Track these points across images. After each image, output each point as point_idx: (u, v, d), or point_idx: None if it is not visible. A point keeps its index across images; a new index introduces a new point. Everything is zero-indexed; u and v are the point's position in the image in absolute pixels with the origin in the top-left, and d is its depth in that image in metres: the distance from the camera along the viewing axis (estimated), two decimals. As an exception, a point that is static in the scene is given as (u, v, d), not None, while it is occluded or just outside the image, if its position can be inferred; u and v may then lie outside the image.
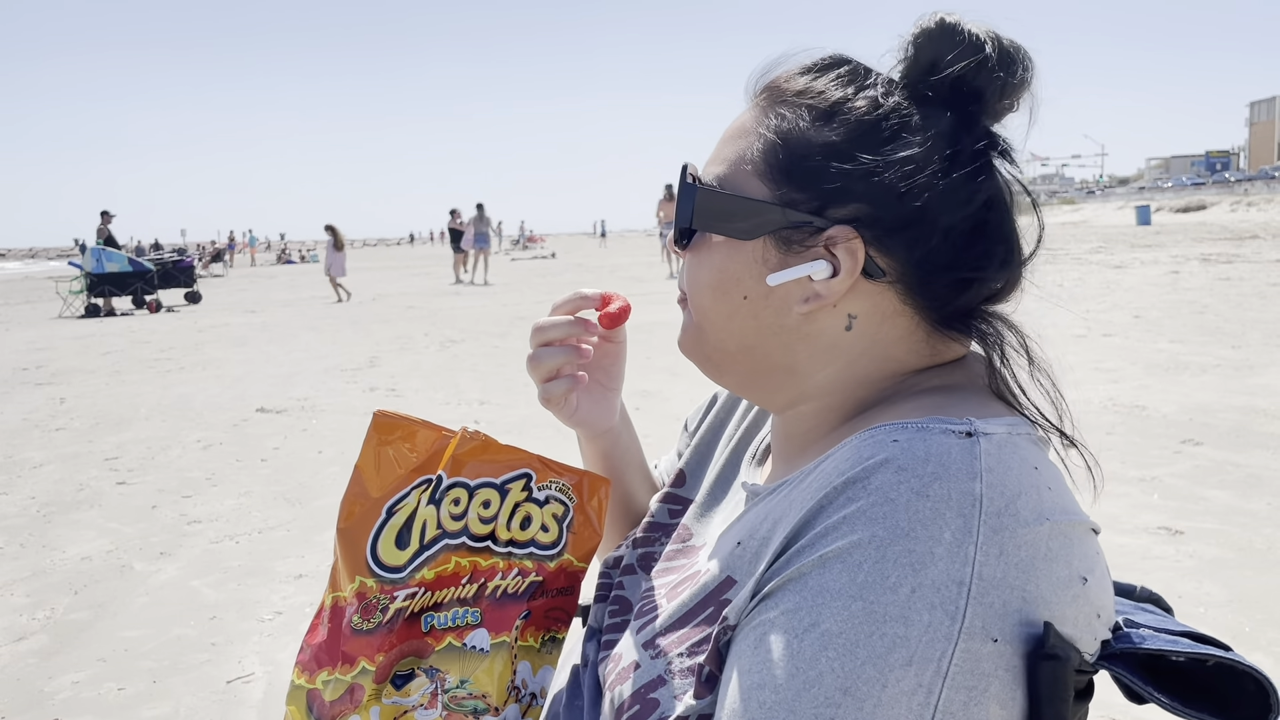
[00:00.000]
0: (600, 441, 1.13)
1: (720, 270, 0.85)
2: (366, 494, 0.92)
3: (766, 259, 0.82)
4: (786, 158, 0.81)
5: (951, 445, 0.70)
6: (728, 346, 0.87)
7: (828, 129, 0.81)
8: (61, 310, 17.95)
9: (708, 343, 0.88)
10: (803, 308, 0.81)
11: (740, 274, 0.83)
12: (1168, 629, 0.80)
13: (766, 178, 0.82)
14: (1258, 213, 38.23)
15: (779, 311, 0.83)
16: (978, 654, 0.65)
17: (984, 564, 0.65)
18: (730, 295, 0.84)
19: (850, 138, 0.80)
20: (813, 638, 0.66)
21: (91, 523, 4.80)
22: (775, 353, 0.85)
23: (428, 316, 14.37)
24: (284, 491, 5.19)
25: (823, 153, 0.80)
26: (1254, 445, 5.15)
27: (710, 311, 0.86)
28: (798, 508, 0.73)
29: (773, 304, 0.83)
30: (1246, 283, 13.12)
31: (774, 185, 0.82)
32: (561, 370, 1.03)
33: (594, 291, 1.04)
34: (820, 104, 0.82)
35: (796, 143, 0.81)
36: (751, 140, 0.84)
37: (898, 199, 0.78)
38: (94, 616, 3.67)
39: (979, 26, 0.80)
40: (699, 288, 0.87)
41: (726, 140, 0.87)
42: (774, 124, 0.83)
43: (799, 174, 0.80)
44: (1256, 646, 2.97)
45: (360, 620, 0.90)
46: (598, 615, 0.99)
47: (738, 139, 0.85)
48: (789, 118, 0.82)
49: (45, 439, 6.74)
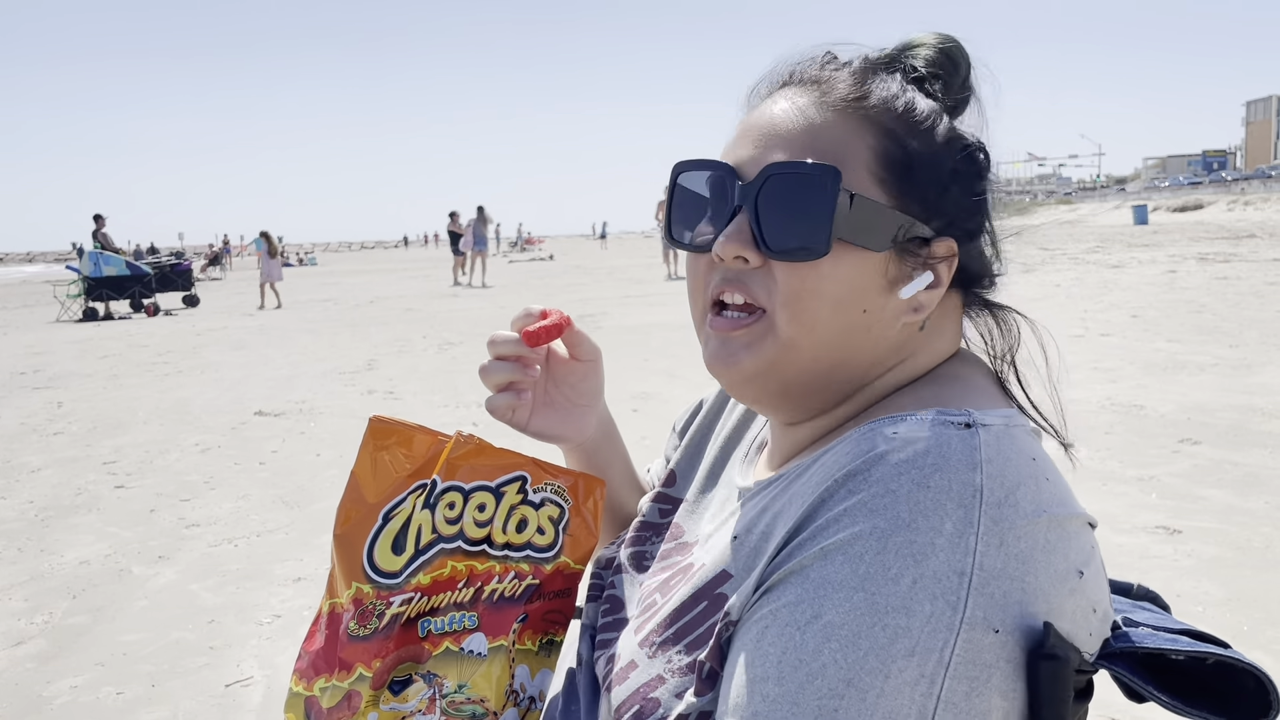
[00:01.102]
0: (575, 454, 1.13)
1: (848, 283, 0.79)
2: (363, 500, 0.92)
3: (887, 270, 0.80)
4: (906, 165, 0.80)
5: (951, 436, 0.70)
6: (819, 364, 0.81)
7: (932, 138, 0.82)
8: (59, 314, 17.92)
9: (797, 364, 0.81)
10: (911, 318, 0.82)
11: (866, 286, 0.79)
12: (1166, 627, 0.80)
13: (889, 187, 0.80)
14: (1255, 212, 38.27)
15: (888, 324, 0.81)
16: (979, 644, 0.66)
17: (985, 554, 0.66)
18: (851, 310, 0.79)
19: (947, 148, 0.82)
20: (815, 630, 0.66)
21: (90, 527, 4.79)
22: (864, 365, 0.83)
23: (426, 319, 14.36)
24: (282, 494, 5.18)
25: (934, 161, 0.81)
26: (1252, 444, 5.15)
27: (822, 327, 0.79)
28: (799, 502, 0.73)
29: (886, 317, 0.81)
30: (1244, 282, 13.13)
31: (896, 195, 0.80)
32: (513, 385, 1.02)
33: (539, 308, 1.02)
34: (916, 115, 0.82)
35: (916, 150, 0.80)
36: (858, 144, 0.80)
37: (977, 207, 0.83)
38: (92, 621, 3.67)
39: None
40: (814, 300, 0.79)
41: (814, 140, 0.80)
42: (888, 126, 0.80)
43: (914, 182, 0.80)
44: (1256, 645, 2.97)
45: (357, 627, 0.90)
46: (591, 614, 0.99)
47: (835, 144, 0.80)
48: (897, 123, 0.81)
49: (43, 443, 6.73)
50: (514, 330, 1.02)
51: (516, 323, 1.02)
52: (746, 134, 0.85)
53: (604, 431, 1.14)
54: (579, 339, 1.05)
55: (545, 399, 1.07)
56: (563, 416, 1.08)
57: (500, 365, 1.01)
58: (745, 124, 0.86)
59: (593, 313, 13.51)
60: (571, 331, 1.03)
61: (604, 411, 1.14)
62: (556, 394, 1.07)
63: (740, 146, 0.84)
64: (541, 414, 1.06)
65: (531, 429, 1.05)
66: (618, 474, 1.18)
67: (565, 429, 1.08)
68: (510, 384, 1.02)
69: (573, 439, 1.10)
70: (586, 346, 1.06)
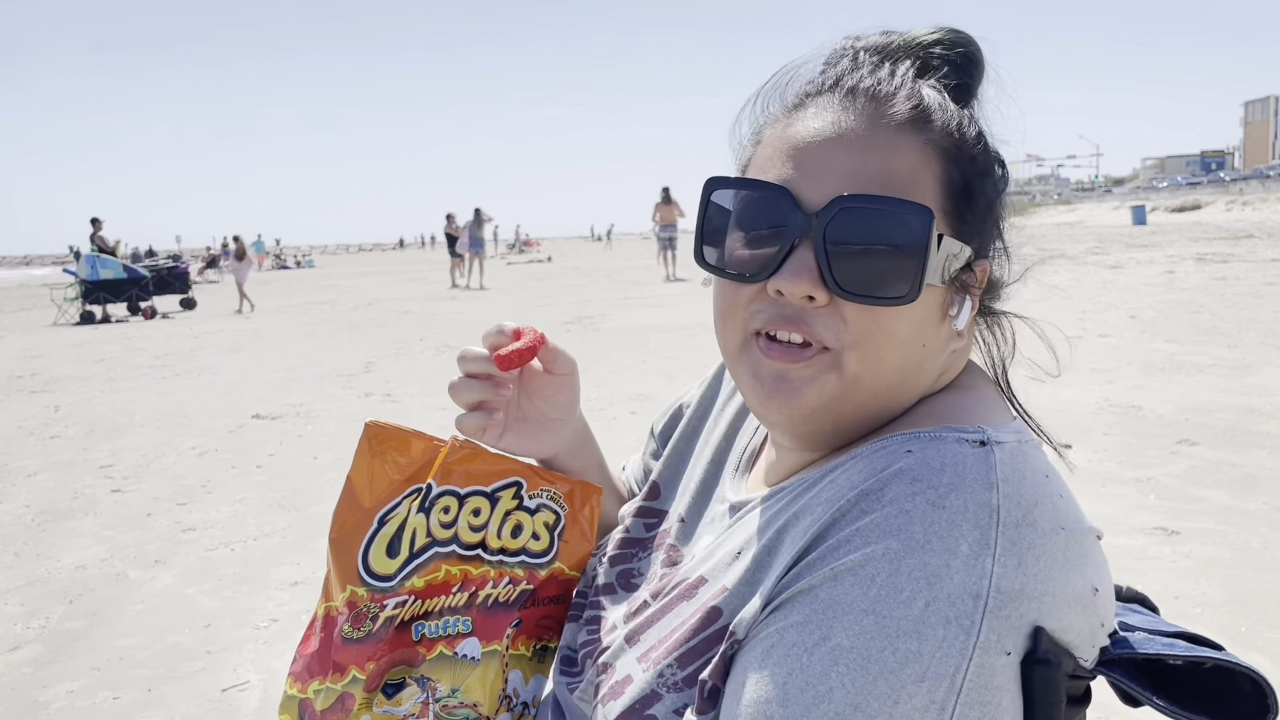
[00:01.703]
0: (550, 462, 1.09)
1: (918, 320, 0.75)
2: (358, 504, 0.92)
3: (944, 302, 0.78)
4: (966, 197, 0.78)
5: (966, 455, 0.69)
6: (877, 401, 0.78)
7: (978, 162, 0.80)
8: (56, 317, 17.89)
9: (857, 399, 0.77)
10: (957, 344, 0.81)
11: (928, 321, 0.77)
12: (1161, 631, 0.79)
13: (952, 218, 0.77)
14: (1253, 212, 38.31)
15: (940, 353, 0.80)
16: (991, 668, 0.64)
17: (1002, 576, 0.64)
18: (915, 346, 0.76)
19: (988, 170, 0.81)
20: (823, 652, 0.65)
21: (86, 531, 4.78)
22: (913, 395, 0.80)
23: (423, 321, 14.34)
24: (279, 498, 5.17)
25: (981, 188, 0.79)
26: (1250, 445, 5.15)
27: (889, 365, 0.76)
28: (809, 518, 0.72)
29: (939, 346, 0.79)
30: (1242, 282, 13.14)
31: (956, 225, 0.77)
32: (484, 404, 0.99)
33: (512, 326, 0.98)
34: (966, 135, 0.79)
35: (971, 179, 0.78)
36: (926, 175, 0.76)
37: (999, 225, 0.83)
38: (89, 625, 3.66)
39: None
40: (890, 342, 0.75)
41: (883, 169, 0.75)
42: (943, 156, 0.77)
43: (972, 210, 0.78)
44: (1254, 646, 2.97)
45: (351, 629, 0.90)
46: (569, 636, 0.96)
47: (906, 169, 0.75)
48: (953, 150, 0.78)
49: (40, 447, 6.72)
50: (485, 347, 0.98)
51: (488, 339, 0.98)
52: (794, 151, 0.77)
53: (579, 441, 1.10)
54: (554, 354, 1.01)
55: (518, 414, 1.03)
56: (536, 432, 1.03)
57: (470, 383, 0.98)
58: (787, 137, 0.79)
59: (591, 314, 13.50)
60: (547, 348, 0.99)
61: (579, 422, 1.09)
62: (530, 408, 1.03)
63: (786, 164, 0.77)
64: (514, 430, 1.02)
65: (504, 445, 1.01)
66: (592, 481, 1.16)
67: (538, 444, 1.04)
68: (481, 403, 0.99)
69: (545, 453, 1.06)
70: (562, 360, 1.02)
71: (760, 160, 0.80)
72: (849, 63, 0.81)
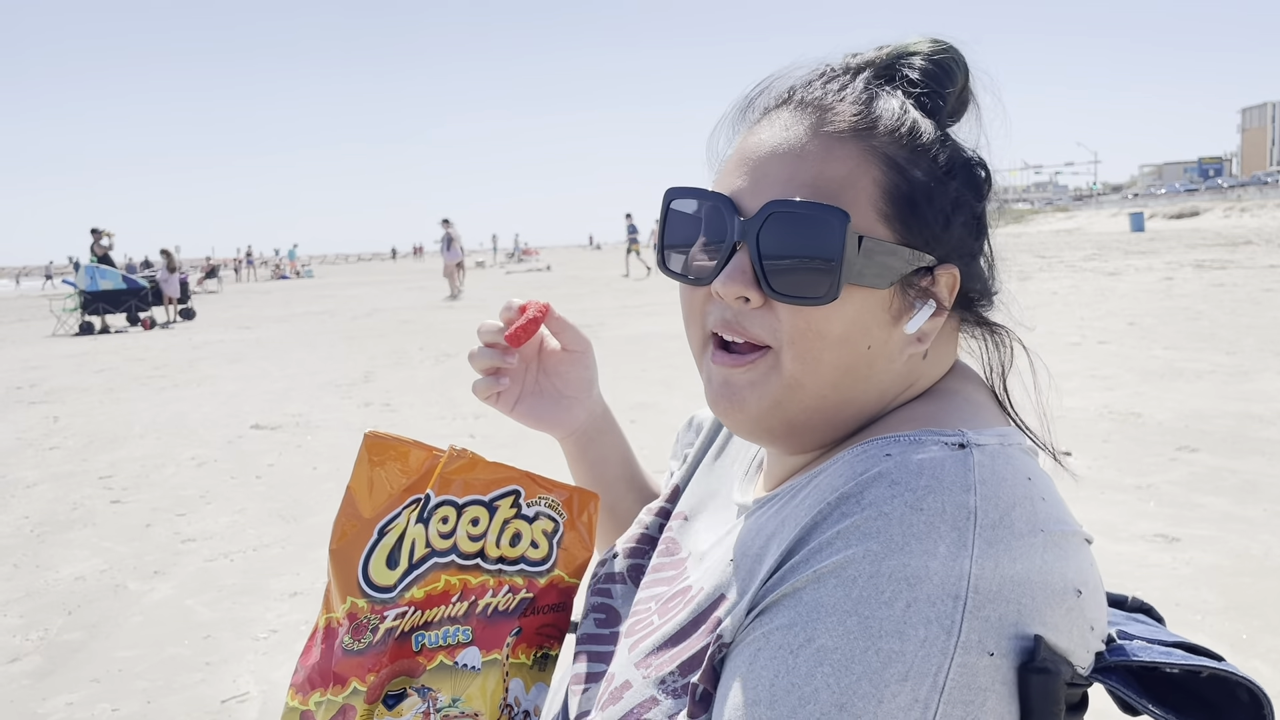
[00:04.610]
0: (568, 445, 1.17)
1: (853, 321, 0.77)
2: (358, 515, 0.92)
3: (890, 305, 0.78)
4: (909, 199, 0.78)
5: (945, 458, 0.70)
6: (826, 402, 0.80)
7: (930, 165, 0.79)
8: (55, 328, 17.91)
9: (801, 401, 0.79)
10: (915, 348, 0.81)
11: (870, 323, 0.78)
12: (1161, 640, 0.79)
13: (894, 222, 0.77)
14: (1251, 218, 38.39)
15: (893, 357, 0.80)
16: (974, 668, 0.65)
17: (979, 577, 0.65)
18: (856, 347, 0.78)
19: (947, 173, 0.80)
20: (808, 654, 0.66)
21: (85, 542, 4.77)
22: (868, 398, 0.81)
23: (422, 331, 14.36)
24: (279, 508, 5.17)
25: (932, 191, 0.79)
26: (1250, 451, 5.16)
27: (827, 365, 0.78)
28: (792, 524, 0.73)
29: (890, 350, 0.80)
30: (1240, 288, 13.16)
31: (899, 229, 0.78)
32: (497, 371, 1.07)
33: (519, 302, 1.07)
34: (919, 140, 0.79)
35: (919, 182, 0.78)
36: (864, 180, 0.77)
37: (972, 231, 0.82)
38: (88, 637, 3.65)
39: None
40: (818, 340, 0.77)
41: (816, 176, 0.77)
42: (895, 159, 0.78)
43: (918, 215, 0.78)
44: (1254, 654, 2.96)
45: (351, 641, 0.90)
46: (586, 625, 0.99)
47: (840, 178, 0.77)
48: (899, 156, 0.78)
49: (39, 458, 6.71)
50: (501, 319, 1.07)
51: (502, 314, 1.07)
52: (743, 161, 0.81)
53: (599, 426, 1.16)
54: (564, 327, 1.09)
55: (535, 388, 1.12)
56: (550, 405, 1.12)
57: (485, 351, 1.06)
58: (742, 149, 0.83)
59: (590, 323, 13.51)
60: (556, 320, 1.08)
61: (599, 405, 1.16)
62: (546, 383, 1.12)
63: (737, 175, 0.81)
64: (529, 401, 1.11)
65: (517, 414, 1.10)
66: (614, 470, 1.18)
67: (553, 419, 1.12)
68: (497, 370, 1.07)
69: (560, 429, 1.14)
70: (572, 335, 1.10)
71: (724, 170, 0.85)
72: (808, 75, 0.85)
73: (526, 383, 1.11)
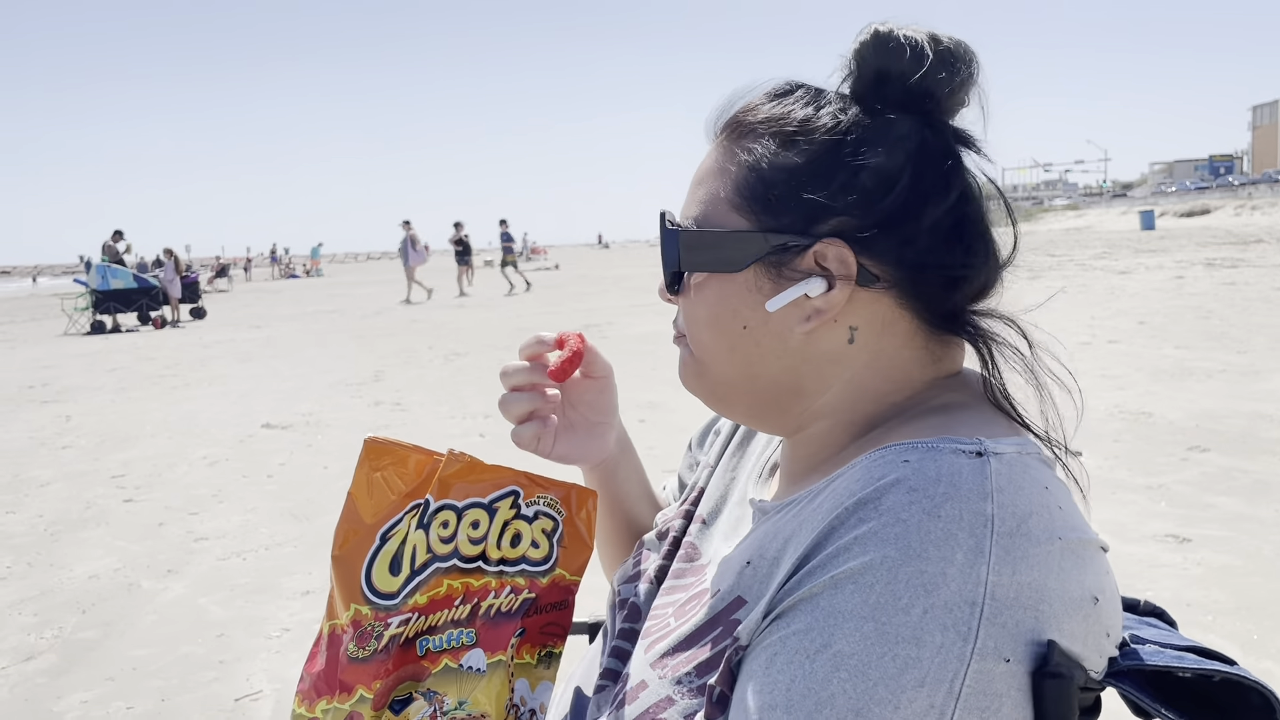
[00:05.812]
0: (597, 472, 1.14)
1: (715, 305, 0.85)
2: (360, 521, 0.92)
3: (760, 286, 0.82)
4: (761, 186, 0.82)
5: (963, 465, 0.70)
6: (731, 378, 0.87)
7: (796, 151, 0.81)
8: (67, 327, 18.00)
9: (710, 377, 0.89)
10: (804, 327, 0.81)
11: (736, 306, 0.83)
12: (1173, 644, 0.79)
13: (745, 210, 0.82)
14: (1262, 216, 38.19)
15: (781, 335, 0.83)
16: (990, 674, 0.65)
17: (997, 584, 0.65)
18: (729, 328, 0.84)
19: (819, 155, 0.81)
20: (825, 659, 0.66)
21: (99, 541, 4.81)
22: (781, 377, 0.85)
23: (431, 330, 14.39)
24: (290, 508, 5.19)
25: (795, 174, 0.81)
26: (1261, 451, 5.14)
27: (711, 347, 0.87)
28: (809, 528, 0.73)
29: (773, 329, 0.83)
30: (1251, 287, 13.10)
31: (753, 215, 0.82)
32: (534, 414, 1.04)
33: (551, 335, 1.04)
34: (785, 128, 0.82)
35: (769, 169, 0.82)
36: (723, 177, 0.84)
37: (875, 203, 0.79)
38: (102, 635, 3.68)
39: (915, 31, 0.81)
40: (697, 325, 0.87)
41: (697, 183, 0.88)
42: (743, 157, 0.83)
43: (776, 199, 0.81)
44: (1265, 654, 2.96)
45: (356, 649, 0.90)
46: (610, 620, 1.00)
47: (709, 179, 0.86)
48: (757, 147, 0.83)
49: (52, 457, 6.76)
50: (523, 359, 1.03)
51: (526, 350, 1.03)
52: None
53: (622, 446, 1.16)
54: (592, 356, 1.07)
55: (565, 422, 1.08)
56: (584, 438, 1.10)
57: (517, 397, 1.03)
58: None
59: (599, 322, 13.52)
60: (586, 350, 1.05)
61: (620, 427, 1.16)
62: (575, 415, 1.09)
63: None
64: (564, 438, 1.08)
65: (556, 454, 1.07)
66: (635, 488, 1.18)
67: (588, 450, 1.10)
68: (531, 413, 1.04)
69: (596, 458, 1.12)
70: (599, 363, 1.08)
71: None
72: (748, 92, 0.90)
73: (559, 420, 1.09)
